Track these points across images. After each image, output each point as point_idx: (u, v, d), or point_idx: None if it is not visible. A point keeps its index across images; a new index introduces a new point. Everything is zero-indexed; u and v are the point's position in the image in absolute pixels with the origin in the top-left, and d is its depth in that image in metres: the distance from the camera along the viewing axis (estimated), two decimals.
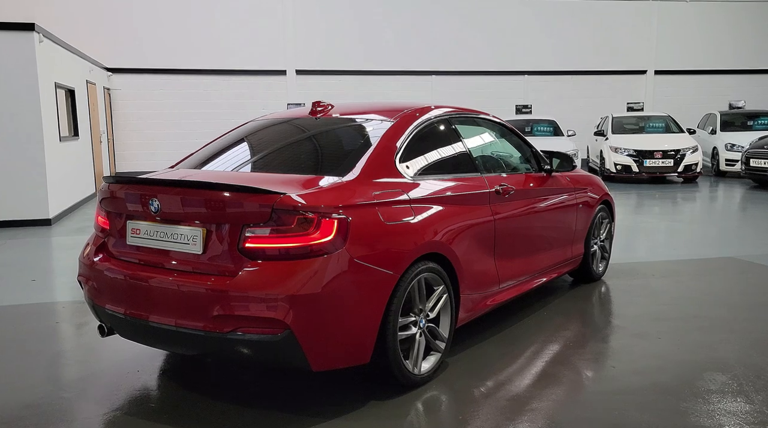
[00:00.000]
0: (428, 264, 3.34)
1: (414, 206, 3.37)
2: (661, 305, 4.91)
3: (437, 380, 3.47)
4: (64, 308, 5.11)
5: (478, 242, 3.81)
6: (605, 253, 5.68)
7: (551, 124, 15.02)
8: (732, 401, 3.20)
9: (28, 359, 3.96)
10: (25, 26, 8.94)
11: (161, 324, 3.00)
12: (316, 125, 3.92)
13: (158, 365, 3.78)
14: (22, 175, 9.08)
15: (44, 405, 3.25)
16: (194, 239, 3.01)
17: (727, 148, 14.73)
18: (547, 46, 18.54)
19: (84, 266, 3.43)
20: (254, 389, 3.45)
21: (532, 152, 4.77)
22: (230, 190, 2.97)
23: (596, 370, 3.69)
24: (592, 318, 4.77)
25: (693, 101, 18.94)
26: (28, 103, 9.00)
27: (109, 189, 3.36)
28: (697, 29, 19.34)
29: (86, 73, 12.82)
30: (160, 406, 3.26)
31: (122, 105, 16.31)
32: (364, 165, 3.31)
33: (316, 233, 2.88)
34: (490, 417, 3.06)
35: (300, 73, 17.30)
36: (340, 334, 2.97)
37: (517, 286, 4.32)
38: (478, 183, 3.95)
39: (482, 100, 17.64)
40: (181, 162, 3.93)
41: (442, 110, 4.09)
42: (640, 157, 13.65)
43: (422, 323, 3.38)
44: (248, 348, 2.87)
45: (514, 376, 3.58)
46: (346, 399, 3.24)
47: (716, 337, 4.17)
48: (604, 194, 5.49)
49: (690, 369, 3.63)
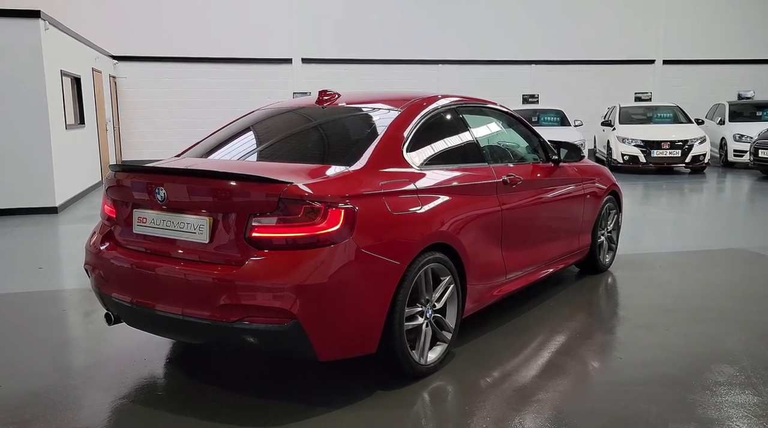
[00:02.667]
0: (435, 254, 3.33)
1: (421, 196, 3.35)
2: (668, 296, 4.89)
3: (443, 370, 3.46)
4: (71, 295, 5.13)
5: (485, 232, 3.79)
6: (612, 244, 5.65)
7: (558, 114, 14.94)
8: (740, 393, 3.18)
9: (35, 346, 3.98)
10: (30, 13, 8.92)
11: (168, 313, 3.00)
12: (322, 114, 3.90)
13: (165, 353, 3.79)
14: (28, 163, 9.09)
15: (51, 392, 3.27)
16: (201, 229, 3.00)
17: (735, 138, 14.64)
18: (554, 35, 18.41)
19: (90, 254, 3.43)
20: (261, 378, 3.45)
21: (540, 142, 4.74)
22: (237, 179, 2.95)
23: (603, 361, 3.68)
24: (598, 309, 4.76)
25: (701, 91, 18.81)
26: (34, 92, 8.99)
27: (116, 178, 3.35)
28: (706, 18, 19.16)
29: (92, 61, 12.80)
30: (167, 394, 3.27)
31: (128, 93, 16.31)
32: (371, 155, 3.29)
33: (323, 222, 2.86)
34: (496, 407, 3.06)
35: (306, 61, 17.24)
36: (346, 324, 2.96)
37: (524, 277, 4.31)
38: (486, 173, 3.93)
39: (489, 89, 17.55)
40: (187, 151, 3.92)
41: (449, 100, 4.06)
42: (647, 147, 13.58)
43: (429, 313, 3.37)
44: (255, 338, 2.87)
45: (521, 367, 3.57)
46: (353, 389, 3.24)
47: (723, 329, 4.15)
48: (611, 185, 5.45)
49: (697, 361, 3.62)
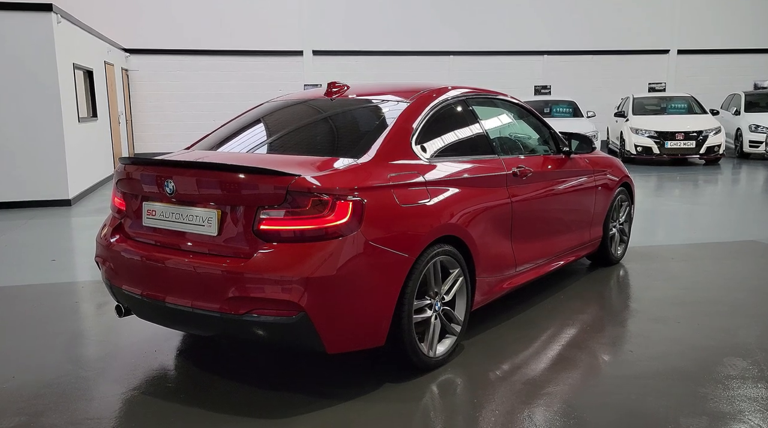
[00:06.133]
0: (444, 247, 3.31)
1: (430, 189, 3.33)
2: (680, 289, 4.85)
3: (452, 363, 3.46)
4: (84, 287, 5.17)
5: (495, 224, 3.77)
6: (624, 236, 5.60)
7: (570, 105, 14.82)
8: (752, 387, 3.15)
9: (48, 338, 4.02)
10: (42, 7, 8.97)
11: (177, 305, 3.01)
12: (331, 106, 3.88)
13: (175, 345, 3.81)
14: (41, 156, 9.17)
15: (63, 383, 3.30)
16: (209, 221, 3.01)
17: (751, 129, 14.45)
18: (567, 25, 18.22)
19: (101, 247, 3.45)
20: (270, 370, 3.46)
21: (551, 133, 4.70)
22: (245, 172, 2.95)
23: (613, 354, 3.66)
24: (609, 302, 4.73)
25: (717, 81, 18.56)
26: (47, 85, 9.05)
27: (125, 170, 3.36)
28: (722, 7, 18.87)
29: (104, 54, 12.85)
30: (176, 386, 3.30)
31: (140, 86, 16.37)
32: (379, 147, 3.28)
33: (331, 215, 2.86)
34: (505, 400, 3.05)
35: (317, 53, 17.21)
36: (354, 317, 2.96)
37: (535, 269, 4.28)
38: (495, 165, 3.90)
39: (501, 80, 17.45)
40: (196, 143, 3.92)
41: (459, 91, 4.03)
42: (661, 138, 13.44)
43: (438, 306, 3.36)
44: (263, 330, 2.88)
45: (530, 360, 3.55)
46: (361, 382, 3.24)
47: (736, 322, 4.10)
48: (623, 177, 5.40)
49: (709, 355, 3.58)
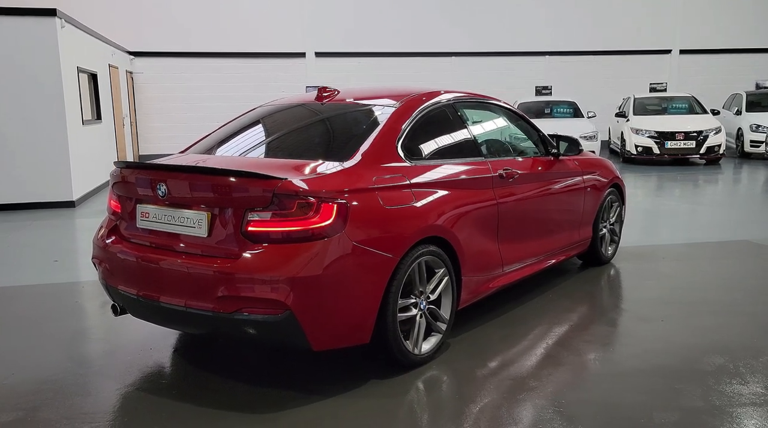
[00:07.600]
0: (429, 247, 3.40)
1: (414, 191, 3.42)
2: (671, 288, 4.92)
3: (438, 360, 3.55)
4: (84, 287, 5.28)
5: (481, 225, 3.85)
6: (615, 236, 5.67)
7: (571, 105, 14.85)
8: (727, 383, 3.23)
9: (48, 337, 4.13)
10: (47, 12, 9.11)
11: (171, 305, 3.12)
12: (321, 111, 3.98)
13: (170, 343, 3.92)
14: (46, 158, 9.31)
15: (60, 380, 3.41)
16: (200, 223, 3.11)
17: (752, 129, 14.46)
18: (569, 26, 18.26)
19: (98, 248, 3.56)
20: (261, 368, 3.57)
21: (539, 136, 4.78)
22: (233, 175, 3.05)
23: (598, 352, 3.73)
24: (598, 301, 4.80)
25: (719, 81, 18.55)
26: (51, 88, 9.19)
27: (120, 174, 3.47)
28: (724, 6, 18.86)
29: (108, 57, 13.00)
30: (170, 383, 3.41)
31: (145, 88, 16.54)
32: (365, 150, 3.37)
33: (316, 217, 2.96)
34: (490, 396, 3.13)
35: (319, 55, 17.33)
36: (340, 315, 3.05)
37: (522, 269, 4.36)
38: (482, 167, 3.99)
39: (502, 81, 17.53)
40: (190, 147, 4.03)
41: (448, 95, 4.12)
42: (661, 138, 13.47)
43: (423, 304, 3.45)
44: (252, 328, 2.98)
45: (516, 357, 3.64)
46: (348, 378, 3.34)
47: (721, 320, 4.17)
48: (613, 178, 5.47)
49: (691, 353, 3.66)
